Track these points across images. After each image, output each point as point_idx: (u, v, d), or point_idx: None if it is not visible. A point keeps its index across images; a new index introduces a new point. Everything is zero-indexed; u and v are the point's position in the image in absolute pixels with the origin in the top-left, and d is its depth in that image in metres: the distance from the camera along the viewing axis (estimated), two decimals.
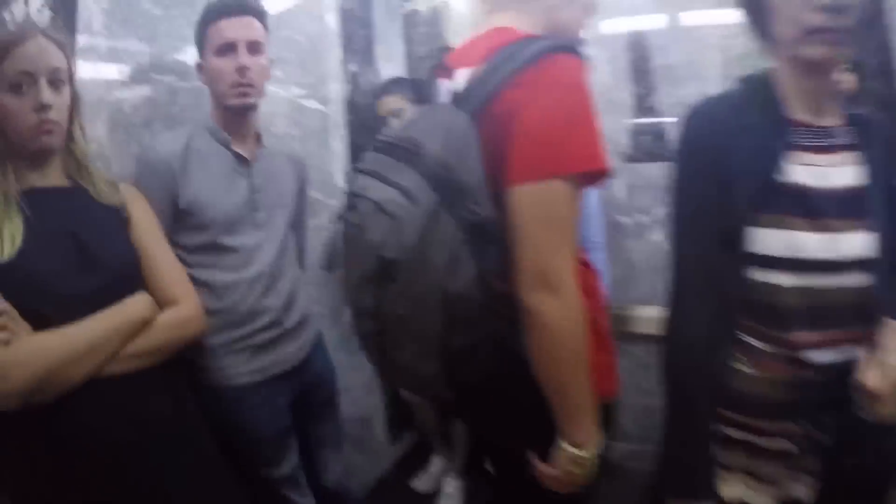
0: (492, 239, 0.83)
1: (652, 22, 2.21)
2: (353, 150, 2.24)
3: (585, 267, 0.96)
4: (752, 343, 0.97)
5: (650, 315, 1.93)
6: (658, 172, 2.12)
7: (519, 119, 0.83)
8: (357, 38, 2.38)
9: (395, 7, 2.64)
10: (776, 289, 0.94)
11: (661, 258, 2.18)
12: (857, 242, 0.95)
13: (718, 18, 2.08)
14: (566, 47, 0.87)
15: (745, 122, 0.98)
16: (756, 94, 1.00)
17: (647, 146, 2.17)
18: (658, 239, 2.13)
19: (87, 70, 1.40)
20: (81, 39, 1.39)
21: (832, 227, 0.94)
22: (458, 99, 0.91)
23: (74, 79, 1.09)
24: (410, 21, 2.62)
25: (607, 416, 0.96)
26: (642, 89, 2.19)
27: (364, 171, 0.92)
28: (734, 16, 2.01)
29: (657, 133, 2.15)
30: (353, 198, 0.91)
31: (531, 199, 0.83)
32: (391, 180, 0.84)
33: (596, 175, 0.86)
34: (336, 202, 2.12)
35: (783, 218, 0.94)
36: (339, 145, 2.19)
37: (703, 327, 0.96)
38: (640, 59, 2.19)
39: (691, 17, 2.16)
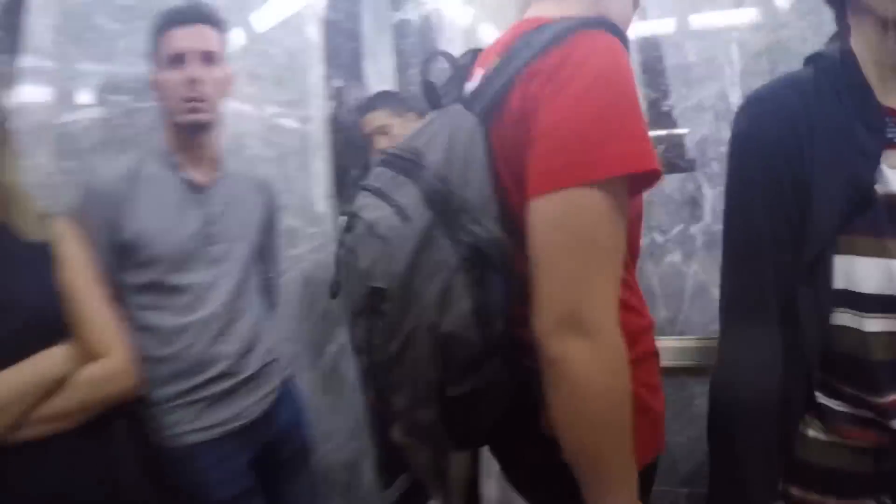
0: (496, 266, 0.72)
1: (663, 25, 2.11)
2: (336, 172, 2.15)
3: (629, 303, 0.81)
4: (828, 403, 0.81)
5: (666, 346, 1.82)
6: (676, 185, 2.00)
7: (539, 113, 0.70)
8: (343, 51, 2.32)
9: (385, 18, 2.57)
10: (863, 336, 0.76)
11: (678, 283, 2.10)
12: None
13: (733, 18, 1.97)
14: (598, 24, 0.73)
15: (826, 112, 0.79)
16: (835, 76, 0.81)
17: (663, 156, 2.04)
18: (676, 260, 2.00)
19: (34, 93, 1.33)
20: (28, 60, 1.33)
21: None
22: (470, 99, 0.80)
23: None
24: (400, 31, 2.54)
25: (647, 479, 0.81)
26: (656, 93, 2.07)
27: (365, 186, 0.84)
28: (750, 14, 1.93)
29: (674, 141, 2.03)
30: (352, 218, 0.83)
31: (555, 215, 0.68)
32: (389, 197, 0.77)
33: (642, 178, 0.70)
34: (317, 229, 2.03)
35: (879, 242, 0.75)
36: (320, 167, 2.10)
37: (767, 382, 0.80)
38: (652, 60, 2.08)
39: (704, 19, 2.06)
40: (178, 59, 1.26)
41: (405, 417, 0.80)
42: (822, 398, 0.81)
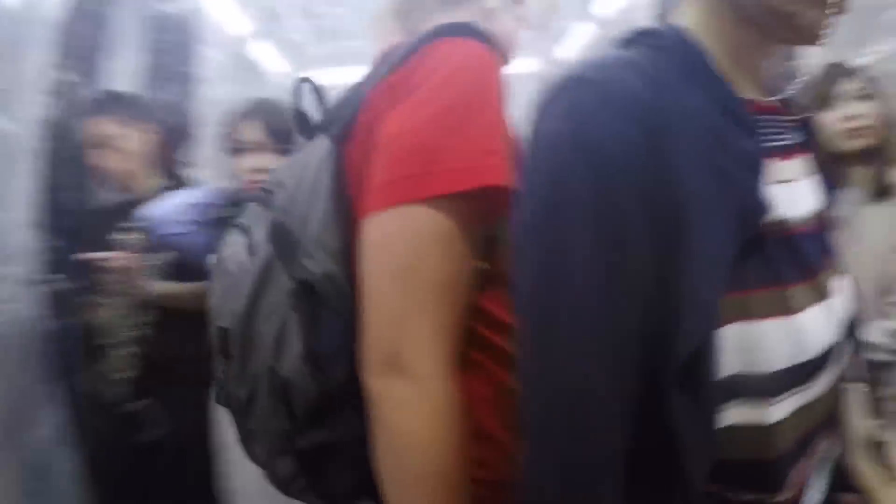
0: (330, 305, 0.68)
1: None
2: (48, 192, 1.73)
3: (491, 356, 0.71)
4: None
5: None
6: None
7: (381, 126, 0.67)
8: (80, 39, 1.95)
9: (139, 8, 2.21)
10: (766, 431, 0.54)
11: None
12: (844, 301, 0.61)
13: None
14: (462, 30, 0.69)
15: (685, 108, 0.54)
16: (683, 61, 0.57)
17: None
18: None
19: None
20: None
21: (822, 286, 0.58)
22: (328, 124, 0.77)
23: None
24: (157, 26, 2.20)
25: None
26: None
27: (236, 223, 0.82)
28: None
29: None
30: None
31: (378, 237, 0.64)
32: (249, 232, 0.77)
33: (488, 197, 0.62)
34: (20, 268, 1.62)
35: (780, 294, 0.54)
36: (24, 184, 1.67)
37: None
38: None
39: None
40: None
41: (266, 469, 0.78)
42: None
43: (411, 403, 0.63)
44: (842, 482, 0.68)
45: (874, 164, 1.61)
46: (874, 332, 1.54)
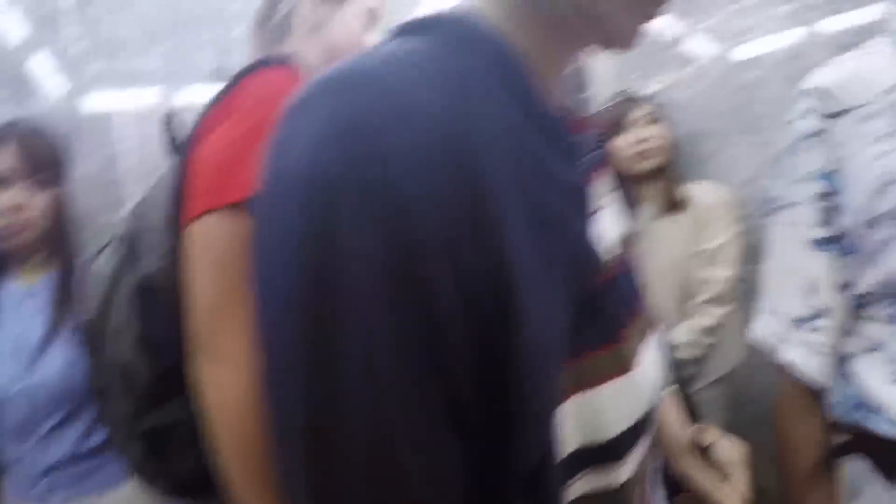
0: (163, 298, 0.78)
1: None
2: None
3: None
4: None
5: None
6: None
7: (203, 145, 0.77)
8: None
9: None
10: (615, 493, 0.47)
11: None
12: (658, 326, 0.57)
13: None
14: (278, 60, 0.83)
15: (508, 128, 0.41)
16: (499, 60, 0.44)
17: None
18: None
19: None
20: None
21: (644, 321, 0.53)
22: (184, 140, 0.86)
23: None
24: None
25: None
26: None
27: (115, 234, 0.93)
28: None
29: None
30: None
31: (195, 239, 0.73)
32: (121, 238, 0.87)
33: None
34: None
35: (615, 351, 0.47)
36: None
37: None
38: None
39: None
40: None
41: (124, 455, 0.86)
42: None
43: (224, 384, 0.70)
44: (672, 487, 0.71)
45: (663, 182, 1.76)
46: (679, 334, 1.67)
